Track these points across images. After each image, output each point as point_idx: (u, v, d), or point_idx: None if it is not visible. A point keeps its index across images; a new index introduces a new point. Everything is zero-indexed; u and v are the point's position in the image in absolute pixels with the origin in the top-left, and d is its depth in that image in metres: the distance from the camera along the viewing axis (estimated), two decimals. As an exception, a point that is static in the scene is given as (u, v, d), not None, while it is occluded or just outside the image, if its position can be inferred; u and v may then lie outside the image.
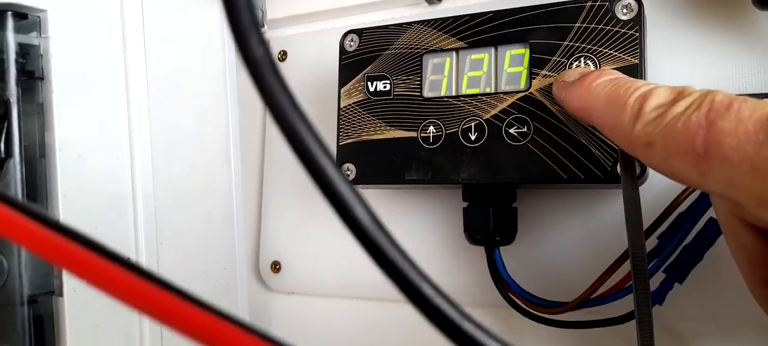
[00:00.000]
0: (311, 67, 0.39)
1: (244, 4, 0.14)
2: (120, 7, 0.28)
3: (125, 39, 0.28)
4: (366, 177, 0.31)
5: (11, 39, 0.23)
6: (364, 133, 0.32)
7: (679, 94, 0.20)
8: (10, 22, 0.23)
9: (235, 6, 0.13)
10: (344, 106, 0.32)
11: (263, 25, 0.39)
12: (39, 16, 0.24)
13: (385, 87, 0.31)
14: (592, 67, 0.27)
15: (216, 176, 0.34)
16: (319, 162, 0.13)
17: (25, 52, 0.24)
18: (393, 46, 0.31)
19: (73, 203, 0.25)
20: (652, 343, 0.24)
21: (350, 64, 0.32)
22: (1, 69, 0.23)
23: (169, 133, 0.30)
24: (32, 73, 0.24)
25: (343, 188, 0.13)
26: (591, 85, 0.24)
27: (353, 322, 0.38)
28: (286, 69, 0.40)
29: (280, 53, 0.41)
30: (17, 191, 0.23)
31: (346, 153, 0.32)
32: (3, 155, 0.23)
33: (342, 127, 0.32)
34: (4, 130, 0.23)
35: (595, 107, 0.23)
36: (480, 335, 0.12)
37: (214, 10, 0.34)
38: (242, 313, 0.35)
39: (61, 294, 0.24)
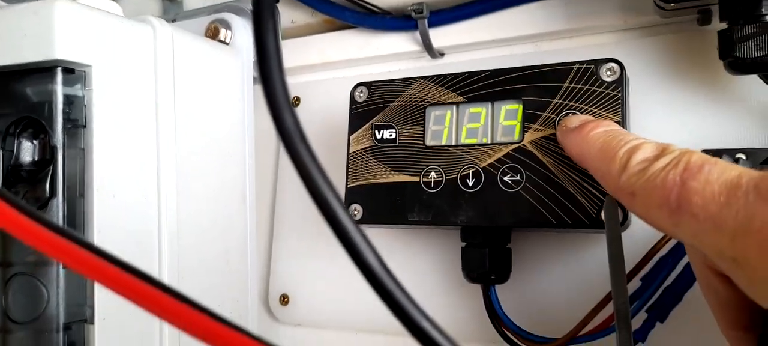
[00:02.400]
0: (322, 112, 0.42)
1: (279, 82, 0.16)
2: (154, 62, 0.31)
3: (157, 91, 0.30)
4: (372, 217, 0.34)
5: (59, 91, 0.26)
6: (370, 177, 0.34)
7: (662, 151, 0.23)
8: (59, 77, 0.26)
9: (271, 84, 0.16)
10: (353, 152, 0.35)
11: (278, 74, 0.42)
12: (84, 71, 0.27)
13: (390, 135, 0.34)
14: (578, 123, 0.30)
15: (233, 214, 0.36)
16: (341, 221, 0.15)
17: (71, 102, 0.27)
18: (399, 99, 0.34)
19: (106, 237, 0.27)
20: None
21: (359, 114, 0.35)
22: (50, 118, 0.26)
23: (193, 174, 0.33)
24: (76, 122, 0.27)
25: (359, 239, 0.15)
26: (588, 133, 0.27)
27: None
28: (299, 113, 0.43)
29: (294, 99, 0.44)
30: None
31: (353, 195, 0.34)
32: (48, 195, 0.26)
33: (350, 171, 0.35)
34: (50, 173, 0.26)
35: (590, 155, 0.26)
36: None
37: (236, 62, 0.37)
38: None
39: (92, 322, 0.26)
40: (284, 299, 0.42)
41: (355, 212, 0.34)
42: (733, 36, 0.28)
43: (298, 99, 0.43)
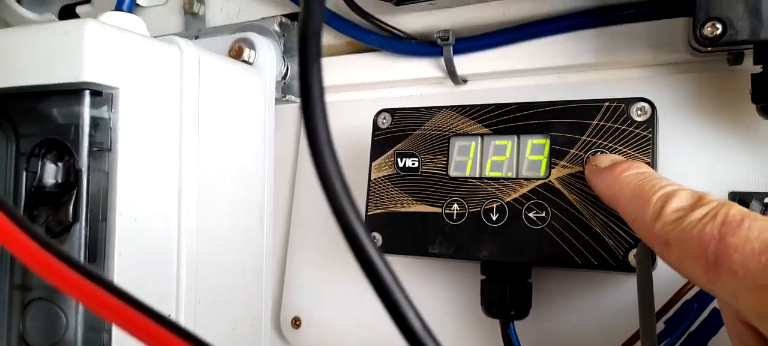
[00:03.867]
0: (343, 133, 0.42)
1: (322, 123, 0.16)
2: (179, 83, 0.30)
3: (182, 112, 0.30)
4: (391, 246, 0.34)
5: (86, 114, 0.26)
6: (391, 206, 0.34)
7: (699, 200, 0.22)
8: (87, 99, 0.26)
9: (313, 123, 0.16)
10: (374, 179, 0.35)
11: (299, 95, 0.42)
12: (111, 93, 0.27)
13: (413, 164, 0.34)
14: (607, 162, 0.29)
15: (251, 234, 0.36)
16: (372, 259, 0.15)
17: (97, 124, 0.26)
18: (422, 127, 0.34)
19: (127, 261, 0.27)
20: None
21: (382, 140, 0.35)
22: (76, 141, 0.26)
23: (214, 195, 0.32)
24: (101, 145, 0.26)
25: (386, 274, 0.15)
26: (620, 175, 0.26)
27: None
28: (317, 134, 0.43)
29: (311, 119, 0.44)
30: (81, 252, 0.25)
31: (373, 222, 0.34)
32: (71, 219, 0.25)
33: (371, 198, 0.35)
34: (74, 197, 0.25)
35: (622, 197, 0.26)
36: None
37: (259, 83, 0.37)
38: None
39: (110, 349, 0.26)
40: (296, 322, 0.41)
41: (376, 240, 0.34)
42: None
43: (317, 119, 0.43)
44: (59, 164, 0.26)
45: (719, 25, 0.26)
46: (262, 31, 0.39)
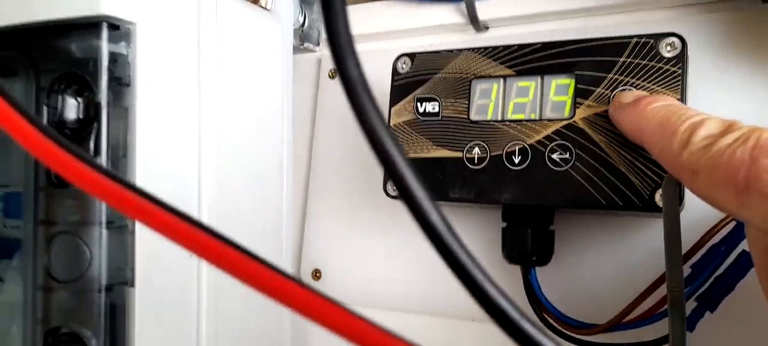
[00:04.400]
0: (359, 84, 0.41)
1: (343, 26, 0.16)
2: (197, 23, 0.30)
3: (200, 52, 0.30)
4: (411, 192, 0.33)
5: (105, 48, 0.26)
6: (411, 151, 0.33)
7: (729, 127, 0.21)
8: (104, 33, 0.26)
9: (334, 27, 0.15)
10: (394, 125, 0.34)
11: (319, 44, 0.42)
12: (129, 28, 0.27)
13: (433, 109, 0.33)
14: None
15: (270, 185, 0.36)
16: (407, 182, 0.15)
17: (115, 60, 0.26)
18: (443, 71, 0.33)
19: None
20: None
21: (402, 86, 0.34)
22: (95, 75, 0.26)
23: (233, 140, 0.32)
24: (120, 80, 0.26)
25: (426, 204, 0.15)
26: (646, 108, 0.25)
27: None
28: (337, 84, 0.42)
29: (330, 71, 0.43)
30: (102, 186, 0.25)
31: (393, 168, 0.34)
32: (93, 153, 0.25)
33: (390, 144, 0.34)
34: (95, 131, 0.25)
35: (648, 130, 0.25)
36: (539, 336, 0.14)
37: (277, 29, 0.36)
38: (285, 318, 0.37)
39: (133, 285, 0.26)
40: (316, 274, 0.41)
41: (393, 187, 0.34)
42: (807, 13, 0.26)
43: (335, 71, 0.42)
44: (79, 99, 0.26)
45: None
46: (280, -23, 0.38)
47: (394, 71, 0.35)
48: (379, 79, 0.38)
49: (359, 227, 0.40)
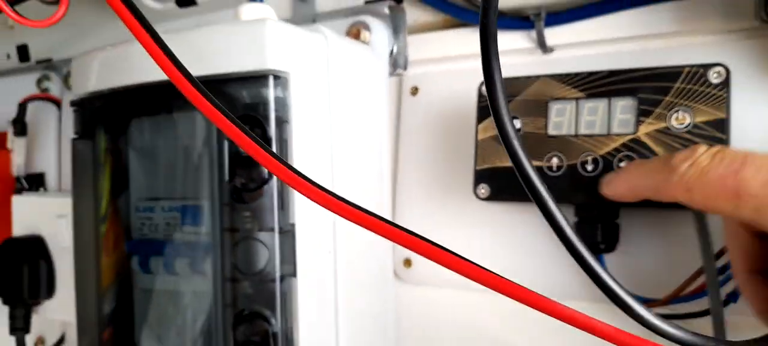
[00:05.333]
0: (439, 100, 0.48)
1: (503, 105, 0.23)
2: (327, 65, 0.37)
3: (330, 87, 0.37)
4: (498, 195, 0.40)
5: (272, 94, 0.33)
6: (497, 161, 0.40)
7: (695, 150, 0.29)
8: (271, 82, 0.33)
9: (497, 106, 0.23)
10: (481, 139, 0.41)
11: (405, 68, 0.48)
12: (286, 77, 0.34)
13: (516, 125, 0.40)
14: (688, 118, 0.35)
15: (374, 190, 0.43)
16: (551, 210, 0.22)
17: (278, 103, 0.34)
18: (523, 94, 0.40)
19: (300, 209, 0.35)
20: (723, 331, 0.32)
21: (487, 107, 0.41)
22: (266, 116, 0.33)
23: (351, 156, 0.40)
24: (281, 118, 0.34)
25: (553, 207, 0.22)
26: (626, 172, 0.34)
27: (470, 309, 0.47)
28: (418, 101, 0.49)
29: (412, 89, 0.50)
30: (274, 201, 0.33)
31: (481, 176, 0.41)
32: (266, 177, 0.33)
33: (479, 156, 0.41)
34: (267, 159, 0.33)
35: (639, 183, 0.33)
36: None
37: (377, 60, 0.43)
38: (390, 303, 0.44)
39: (295, 276, 0.34)
40: (408, 263, 0.49)
41: (483, 190, 0.41)
42: (832, 44, 0.33)
43: (416, 89, 0.50)
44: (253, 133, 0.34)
45: (790, 1, 0.31)
46: (375, 13, 0.45)
47: (480, 95, 0.42)
48: (464, 95, 0.45)
49: (445, 222, 0.47)
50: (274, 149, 0.33)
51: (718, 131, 0.35)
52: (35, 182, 0.64)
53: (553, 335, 0.43)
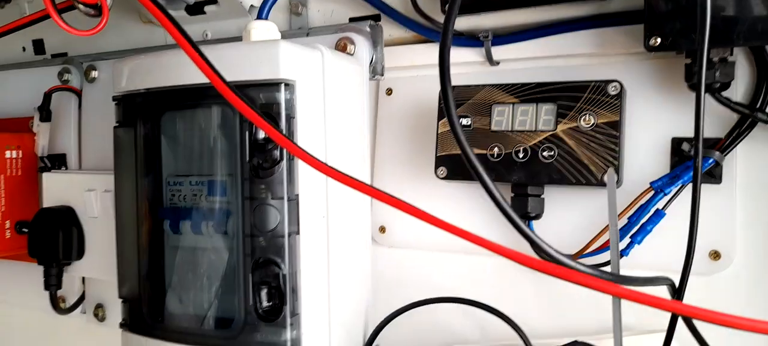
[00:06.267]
0: (409, 100, 0.60)
1: (453, 111, 0.34)
2: (322, 75, 0.48)
3: (325, 92, 0.48)
4: (454, 175, 0.52)
5: (283, 97, 0.44)
6: (453, 149, 0.52)
7: None
8: (283, 88, 0.44)
9: (449, 112, 0.34)
10: (442, 132, 0.53)
11: (383, 74, 0.60)
12: (293, 84, 0.45)
13: (467, 122, 0.52)
14: (593, 120, 0.47)
15: (359, 170, 0.55)
16: (480, 172, 0.33)
17: (287, 103, 0.44)
18: (473, 98, 0.52)
19: (306, 186, 0.46)
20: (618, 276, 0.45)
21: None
22: (278, 113, 0.44)
23: (340, 145, 0.51)
24: (290, 115, 0.45)
25: (490, 183, 0.33)
26: None
27: (430, 266, 0.59)
28: (392, 100, 0.60)
29: (387, 90, 0.61)
30: (284, 178, 0.44)
31: (442, 161, 0.52)
32: (278, 159, 0.44)
33: (439, 145, 0.53)
34: (279, 146, 0.44)
35: None
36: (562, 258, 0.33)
37: (360, 69, 0.55)
38: (368, 258, 0.56)
39: (299, 234, 0.45)
40: (382, 229, 0.60)
41: (441, 172, 0.53)
42: (692, 68, 0.45)
43: (391, 90, 0.61)
44: (267, 127, 0.45)
45: (659, 39, 0.44)
46: (358, 30, 0.56)
47: (440, 97, 0.53)
48: (419, 98, 0.57)
49: (409, 197, 0.58)
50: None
51: (613, 130, 0.47)
52: (57, 162, 0.73)
53: (495, 288, 0.55)
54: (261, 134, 0.45)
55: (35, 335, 0.82)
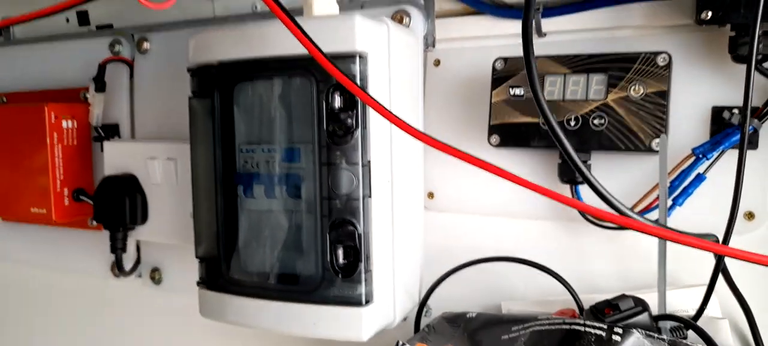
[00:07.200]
0: (458, 72, 0.63)
1: (538, 88, 0.37)
2: (388, 46, 0.51)
3: (390, 63, 0.51)
4: (506, 142, 0.56)
5: (358, 68, 0.47)
6: (506, 118, 0.55)
7: None
8: (358, 60, 0.47)
9: (535, 89, 0.37)
10: (495, 102, 0.56)
11: (434, 46, 0.62)
12: (366, 56, 0.48)
13: (520, 92, 0.55)
14: (642, 90, 0.51)
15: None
16: (566, 147, 0.37)
17: (360, 73, 0.48)
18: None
19: (377, 151, 0.49)
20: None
21: (499, 78, 0.56)
22: (356, 83, 0.47)
23: (403, 111, 0.54)
24: (363, 84, 0.48)
25: (568, 145, 0.37)
26: None
27: (475, 229, 0.63)
28: (440, 71, 0.63)
29: (435, 61, 0.64)
30: (359, 145, 0.47)
31: (494, 129, 0.56)
32: (354, 126, 0.47)
33: (493, 114, 0.56)
34: (355, 113, 0.47)
35: None
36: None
37: (417, 40, 0.58)
38: (421, 219, 0.60)
39: (370, 197, 0.49)
40: (431, 195, 0.64)
41: (494, 139, 0.56)
42: (736, 41, 0.48)
43: (439, 61, 0.64)
44: (342, 96, 0.48)
45: (710, 12, 0.47)
46: (413, 2, 0.59)
47: (493, 68, 0.56)
48: (469, 69, 0.60)
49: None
50: (359, 105, 0.47)
51: (661, 99, 0.50)
52: (110, 132, 0.76)
53: (540, 249, 0.59)
54: (337, 104, 0.48)
55: (92, 299, 0.86)
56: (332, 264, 0.49)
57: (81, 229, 0.79)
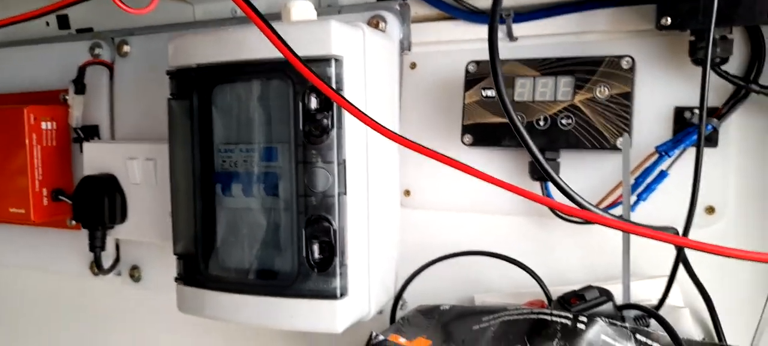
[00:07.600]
0: (432, 74, 0.64)
1: (504, 92, 0.39)
2: (363, 50, 0.53)
3: (365, 66, 0.53)
4: (479, 142, 0.57)
5: (333, 71, 0.49)
6: (478, 118, 0.57)
7: None
8: (333, 63, 0.49)
9: (499, 88, 0.39)
10: (468, 103, 0.58)
11: (409, 49, 0.64)
12: (341, 59, 0.49)
13: (492, 93, 0.57)
14: (607, 91, 0.53)
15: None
16: (530, 146, 0.39)
17: (336, 76, 0.49)
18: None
19: (352, 150, 0.51)
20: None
21: (472, 80, 0.58)
22: (330, 85, 0.48)
23: (378, 114, 0.56)
24: (339, 87, 0.49)
25: (533, 146, 0.39)
26: None
27: (450, 226, 0.64)
28: (416, 74, 0.65)
29: (411, 64, 0.66)
30: (335, 145, 0.49)
31: (467, 129, 0.58)
32: (330, 126, 0.49)
33: (466, 114, 0.58)
34: (330, 114, 0.49)
35: None
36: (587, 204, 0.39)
37: (392, 44, 0.59)
38: (395, 232, 0.61)
39: (346, 194, 0.50)
40: (407, 193, 0.66)
41: (469, 139, 0.58)
42: (696, 45, 0.51)
43: (415, 64, 0.66)
44: (318, 98, 0.49)
45: (670, 19, 0.49)
46: (389, 8, 0.61)
47: (467, 70, 0.58)
48: (442, 72, 0.62)
49: (434, 165, 0.64)
50: (335, 107, 0.49)
51: (625, 100, 0.53)
52: (90, 133, 0.76)
53: (510, 245, 0.61)
54: (313, 105, 0.49)
55: (71, 298, 0.86)
56: (308, 259, 0.50)
57: (60, 229, 0.80)
